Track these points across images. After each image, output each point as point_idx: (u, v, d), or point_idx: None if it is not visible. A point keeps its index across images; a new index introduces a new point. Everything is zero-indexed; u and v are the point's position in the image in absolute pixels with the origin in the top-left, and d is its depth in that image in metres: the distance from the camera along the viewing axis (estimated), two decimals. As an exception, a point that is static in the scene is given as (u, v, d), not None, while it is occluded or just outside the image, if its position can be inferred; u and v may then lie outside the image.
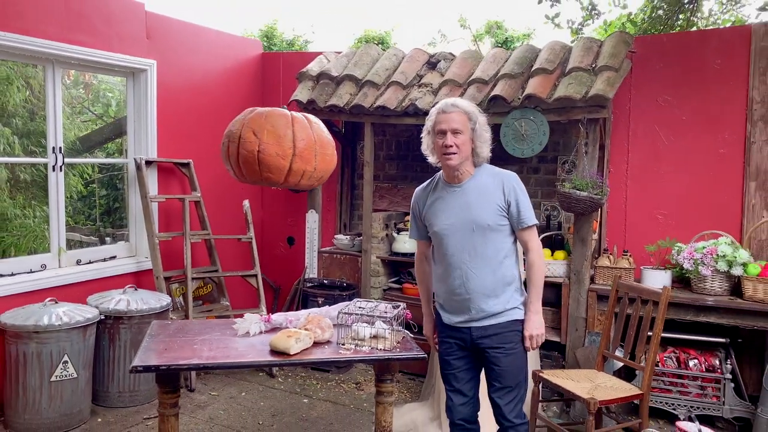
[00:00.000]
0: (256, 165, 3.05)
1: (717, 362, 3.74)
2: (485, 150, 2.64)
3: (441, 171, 2.72)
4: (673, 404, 3.76)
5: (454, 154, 2.55)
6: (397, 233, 4.85)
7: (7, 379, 3.54)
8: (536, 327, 2.63)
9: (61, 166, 4.14)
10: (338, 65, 4.92)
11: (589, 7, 5.32)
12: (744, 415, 3.64)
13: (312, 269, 5.04)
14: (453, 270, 2.60)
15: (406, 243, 4.74)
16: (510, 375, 2.60)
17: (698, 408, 3.70)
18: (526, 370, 2.68)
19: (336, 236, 5.13)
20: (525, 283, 2.72)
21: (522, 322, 2.64)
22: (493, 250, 2.58)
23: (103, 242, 4.88)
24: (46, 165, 4.14)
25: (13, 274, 3.88)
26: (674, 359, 3.84)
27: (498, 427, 2.68)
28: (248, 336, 2.76)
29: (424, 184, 2.81)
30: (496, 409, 2.64)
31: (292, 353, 2.51)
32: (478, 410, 2.76)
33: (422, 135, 2.70)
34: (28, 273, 3.96)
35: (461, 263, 2.58)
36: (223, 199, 5.18)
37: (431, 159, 2.70)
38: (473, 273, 2.57)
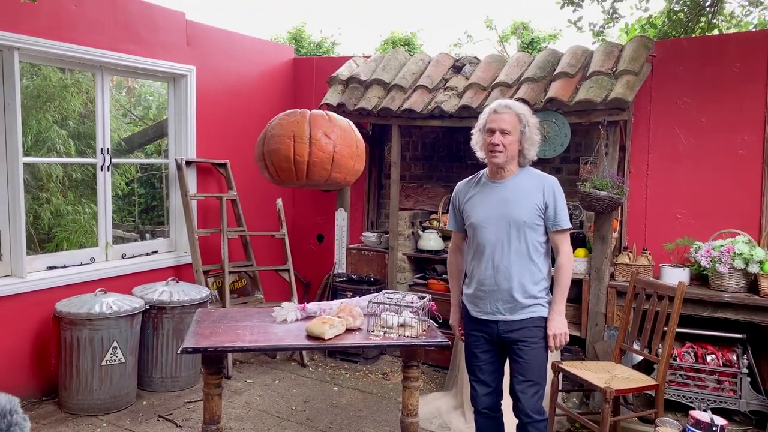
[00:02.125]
0: (328, 165, 2.99)
1: (734, 357, 3.85)
2: (532, 152, 2.75)
3: (486, 168, 2.85)
4: (690, 397, 3.88)
5: (500, 152, 2.67)
6: (423, 231, 5.04)
7: (62, 363, 3.83)
8: (559, 327, 2.73)
9: (108, 166, 4.43)
10: (367, 70, 5.13)
11: (611, 11, 5.44)
12: (760, 408, 3.75)
13: (341, 265, 5.26)
14: (485, 261, 2.71)
15: (431, 240, 4.93)
16: (533, 368, 2.70)
17: (715, 401, 3.81)
18: (546, 367, 2.78)
19: (364, 234, 5.34)
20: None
21: (546, 319, 2.74)
22: (525, 247, 2.69)
23: (143, 238, 5.17)
24: (94, 165, 4.44)
25: (65, 266, 4.19)
26: (692, 354, 3.96)
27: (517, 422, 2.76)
28: (285, 323, 2.99)
29: (468, 178, 2.93)
30: (517, 402, 2.72)
31: (326, 338, 2.73)
32: (501, 399, 2.88)
33: (473, 131, 2.83)
34: (78, 265, 4.26)
35: (493, 255, 2.69)
36: (257, 197, 5.43)
37: (479, 154, 2.83)
38: (504, 266, 2.68)
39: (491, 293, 2.71)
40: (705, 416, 2.90)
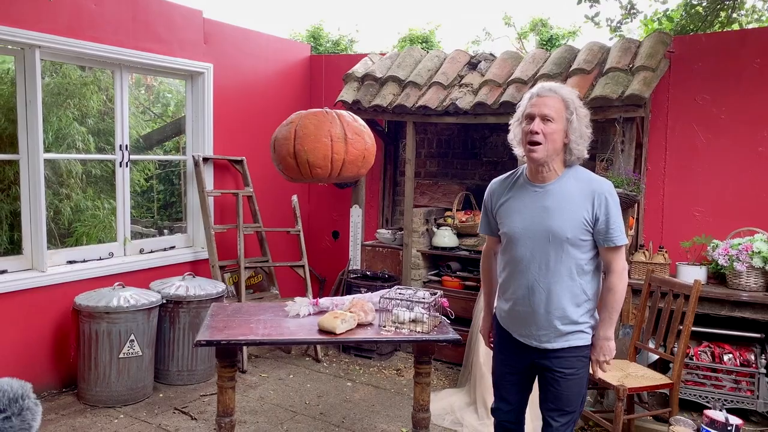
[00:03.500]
0: (360, 161, 3.12)
1: (752, 357, 3.80)
2: (581, 148, 2.29)
3: (525, 165, 2.43)
4: (706, 397, 3.84)
5: (539, 144, 2.22)
6: (437, 228, 5.04)
7: (80, 355, 3.91)
8: (605, 353, 2.37)
9: (126, 163, 4.50)
10: (382, 67, 5.14)
11: (628, 6, 5.38)
12: (778, 409, 3.70)
13: (355, 261, 5.29)
14: (520, 278, 2.35)
15: (445, 238, 4.93)
16: (567, 399, 2.38)
17: (732, 401, 3.77)
18: (585, 393, 2.46)
19: (378, 230, 5.36)
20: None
21: (588, 347, 2.39)
22: (568, 267, 2.28)
23: (161, 233, 5.25)
24: (113, 161, 4.51)
25: (85, 261, 4.27)
26: (709, 353, 3.91)
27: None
28: (298, 317, 3.02)
29: (504, 176, 2.52)
30: (546, 427, 2.44)
31: (338, 332, 2.75)
32: (524, 414, 2.62)
33: (511, 123, 2.41)
34: (97, 260, 4.34)
35: (529, 274, 2.31)
36: (273, 194, 5.48)
37: (517, 151, 2.40)
38: (542, 287, 2.30)
39: (526, 316, 2.36)
40: (720, 416, 2.86)
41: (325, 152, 3.00)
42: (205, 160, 4.93)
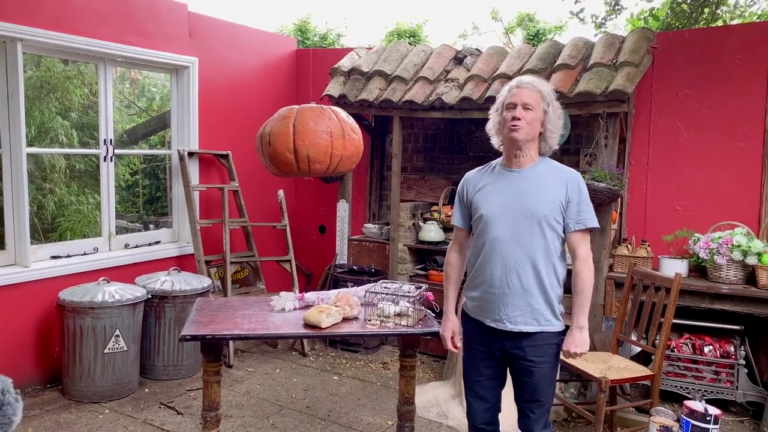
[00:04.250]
0: (355, 158, 3.18)
1: (731, 349, 3.87)
2: (554, 138, 2.45)
3: (500, 158, 2.55)
4: (687, 388, 3.90)
5: (521, 128, 2.36)
6: (424, 223, 5.06)
7: (65, 351, 3.89)
8: (579, 345, 2.40)
9: (111, 157, 4.47)
10: (368, 61, 5.14)
11: (612, 2, 5.42)
12: (756, 399, 3.77)
13: (342, 256, 5.30)
14: (496, 259, 2.39)
15: (432, 232, 4.95)
16: (541, 389, 2.44)
17: (712, 392, 3.84)
18: (555, 384, 2.54)
19: (365, 225, 5.37)
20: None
21: (559, 334, 2.45)
22: (543, 247, 2.37)
23: (146, 228, 5.23)
24: (97, 156, 4.48)
25: (69, 256, 4.24)
26: (690, 345, 3.97)
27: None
28: (284, 312, 3.02)
29: (479, 167, 2.62)
30: (524, 418, 2.50)
31: (323, 327, 2.76)
32: (500, 411, 2.63)
33: (490, 112, 2.54)
34: (82, 255, 4.31)
35: (506, 252, 2.37)
36: (259, 188, 5.47)
37: (494, 140, 2.54)
38: (518, 266, 2.36)
39: (501, 296, 2.40)
40: (699, 406, 2.91)
41: (326, 148, 3.04)
42: (191, 154, 4.91)
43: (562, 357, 2.54)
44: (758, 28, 4.28)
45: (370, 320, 2.89)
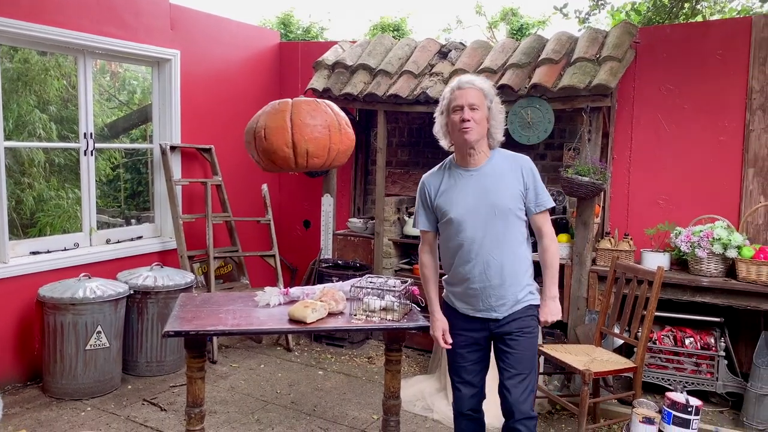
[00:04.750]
0: (349, 152, 3.16)
1: (712, 340, 3.93)
2: (499, 132, 2.55)
3: (451, 156, 2.64)
4: (669, 380, 3.95)
5: (471, 129, 2.44)
6: (408, 217, 5.06)
7: (45, 348, 3.83)
8: (553, 313, 2.57)
9: (91, 151, 4.40)
10: (353, 54, 5.11)
11: (596, -4, 5.46)
12: (736, 390, 3.83)
13: (327, 251, 5.28)
14: (472, 258, 2.50)
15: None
16: (525, 359, 2.53)
17: (693, 383, 3.89)
18: (537, 359, 2.65)
19: (350, 219, 5.36)
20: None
21: (537, 307, 2.59)
22: (513, 236, 2.51)
23: (128, 223, 5.15)
24: (77, 149, 4.41)
25: (49, 252, 4.17)
26: (671, 337, 4.02)
27: (503, 420, 2.58)
28: (268, 307, 3.00)
29: (434, 169, 2.68)
30: (509, 397, 2.52)
31: (308, 322, 2.75)
32: (484, 399, 2.70)
33: (435, 115, 2.62)
34: (62, 251, 4.25)
35: (481, 250, 2.48)
36: (242, 183, 5.43)
37: (443, 142, 2.62)
38: (495, 260, 2.48)
39: (482, 290, 2.51)
40: (680, 397, 2.94)
41: (325, 142, 3.00)
42: (173, 148, 4.85)
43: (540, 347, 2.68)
44: (738, 24, 4.33)
45: (355, 315, 2.88)
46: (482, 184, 2.52)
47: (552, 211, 4.62)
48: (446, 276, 2.68)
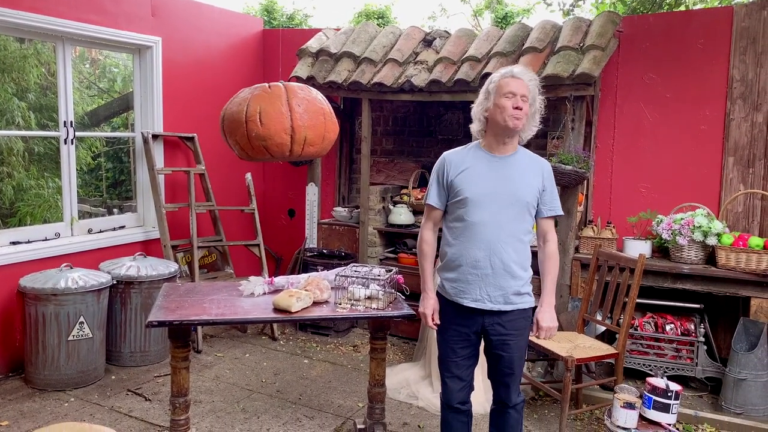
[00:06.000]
0: (335, 139, 3.11)
1: (692, 327, 3.99)
2: (531, 132, 2.58)
3: (476, 141, 2.63)
4: (650, 365, 4.01)
5: (521, 118, 2.45)
6: (393, 206, 5.06)
7: (27, 339, 3.79)
8: (550, 320, 2.60)
9: (72, 140, 4.33)
10: (337, 42, 5.08)
11: (580, -14, 5.45)
12: (715, 375, 3.90)
13: (312, 240, 5.27)
14: (479, 242, 2.49)
15: (401, 215, 4.95)
16: (517, 361, 2.59)
17: (673, 369, 3.96)
18: (525, 352, 2.71)
19: (335, 208, 5.35)
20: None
21: (530, 310, 2.61)
22: (522, 229, 2.53)
23: (111, 213, 5.11)
24: (57, 138, 4.34)
25: (29, 242, 4.12)
26: (652, 324, 4.08)
27: (493, 406, 2.72)
28: (253, 296, 3.00)
29: (458, 148, 2.66)
30: (501, 392, 2.65)
31: (293, 311, 2.75)
32: (473, 390, 2.73)
33: (479, 98, 2.56)
34: (43, 240, 4.19)
35: (490, 235, 2.48)
36: (226, 172, 5.38)
37: (476, 125, 2.59)
38: (501, 247, 2.48)
39: (483, 277, 2.49)
40: (661, 382, 3.00)
41: (321, 130, 2.94)
42: (155, 137, 4.80)
43: (531, 337, 2.71)
44: (719, 13, 4.36)
45: (340, 304, 2.89)
46: (506, 172, 2.53)
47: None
48: (442, 263, 2.64)
